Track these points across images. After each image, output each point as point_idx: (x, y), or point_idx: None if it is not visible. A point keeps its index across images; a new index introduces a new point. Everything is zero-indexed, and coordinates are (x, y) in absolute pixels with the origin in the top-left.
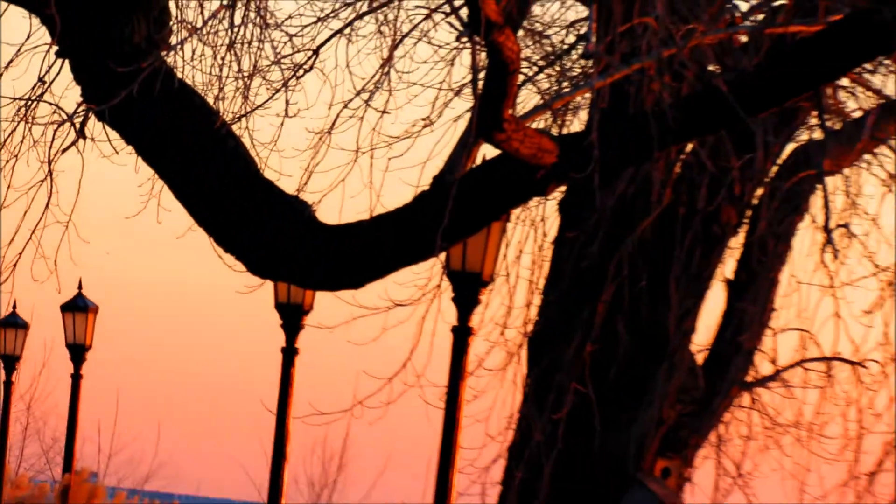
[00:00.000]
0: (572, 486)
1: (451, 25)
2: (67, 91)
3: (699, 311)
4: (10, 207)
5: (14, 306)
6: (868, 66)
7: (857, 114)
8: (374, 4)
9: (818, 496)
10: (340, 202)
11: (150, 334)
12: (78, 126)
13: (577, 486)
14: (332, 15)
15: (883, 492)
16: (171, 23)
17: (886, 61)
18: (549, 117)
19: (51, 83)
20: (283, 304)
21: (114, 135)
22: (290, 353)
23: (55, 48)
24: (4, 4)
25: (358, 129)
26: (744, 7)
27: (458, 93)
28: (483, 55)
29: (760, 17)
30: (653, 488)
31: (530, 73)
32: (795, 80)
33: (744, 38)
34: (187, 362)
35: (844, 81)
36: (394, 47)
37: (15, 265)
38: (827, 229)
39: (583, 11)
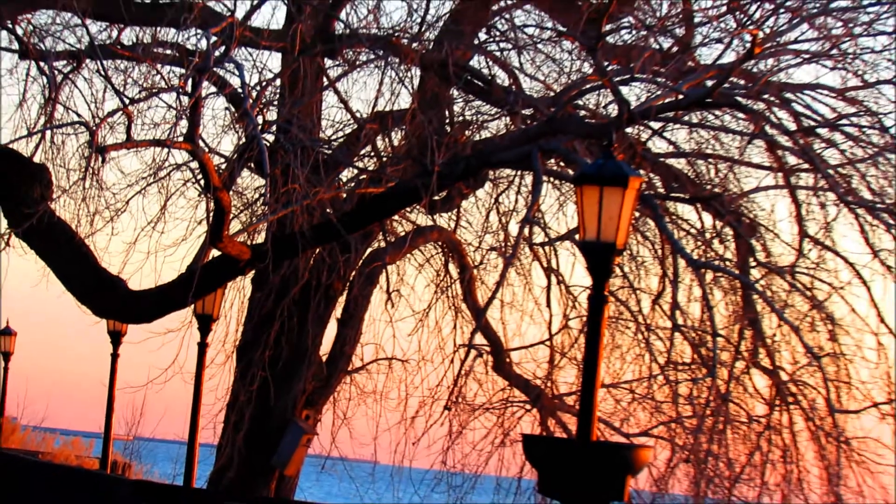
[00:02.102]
0: (260, 424)
1: (196, 188)
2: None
3: (323, 334)
4: None
5: None
6: (408, 209)
7: (403, 232)
8: (157, 178)
9: (392, 424)
10: (140, 279)
11: (48, 348)
12: (6, 239)
13: (262, 424)
14: (134, 183)
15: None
16: (53, 187)
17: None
18: (247, 235)
19: None
20: (112, 331)
21: (24, 244)
22: (114, 357)
23: None
24: None
25: (149, 242)
26: (345, 177)
27: (200, 223)
28: (212, 203)
29: (353, 183)
30: (300, 425)
31: (236, 213)
32: (371, 217)
33: (344, 195)
34: (68, 363)
35: (396, 217)
36: (166, 200)
37: None
38: (388, 292)
39: (263, 181)
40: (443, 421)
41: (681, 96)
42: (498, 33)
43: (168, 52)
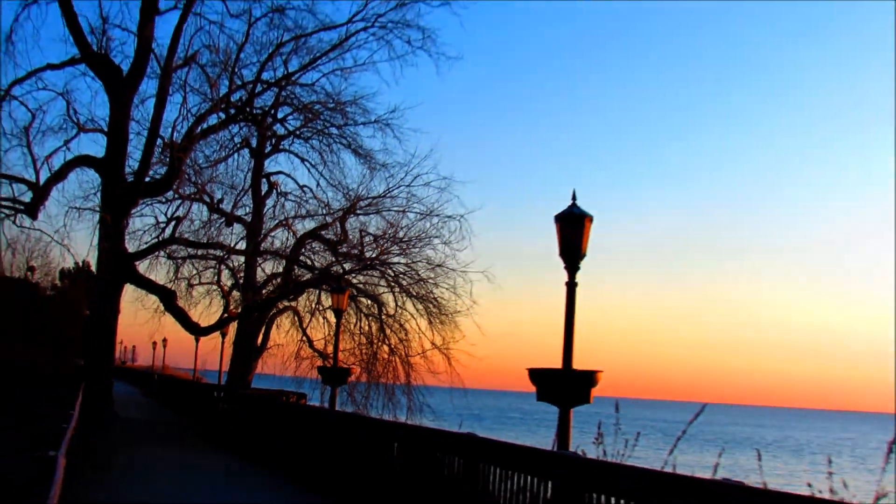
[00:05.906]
0: (241, 365)
1: (220, 296)
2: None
3: (260, 336)
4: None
5: None
6: (284, 301)
7: (282, 307)
8: (210, 292)
9: (281, 361)
10: (203, 321)
11: (178, 343)
12: (162, 311)
13: (242, 365)
14: (202, 294)
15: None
16: (178, 297)
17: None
18: (237, 308)
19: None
20: (196, 337)
21: (169, 314)
22: (196, 345)
23: (162, 304)
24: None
25: (206, 310)
26: (265, 292)
27: (222, 306)
28: (223, 300)
29: (265, 292)
30: (254, 363)
31: (233, 302)
32: (272, 303)
33: (264, 296)
34: (184, 347)
35: (279, 303)
36: (211, 300)
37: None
38: (276, 326)
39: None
40: (295, 359)
41: (350, 266)
42: (307, 248)
43: (213, 249)
